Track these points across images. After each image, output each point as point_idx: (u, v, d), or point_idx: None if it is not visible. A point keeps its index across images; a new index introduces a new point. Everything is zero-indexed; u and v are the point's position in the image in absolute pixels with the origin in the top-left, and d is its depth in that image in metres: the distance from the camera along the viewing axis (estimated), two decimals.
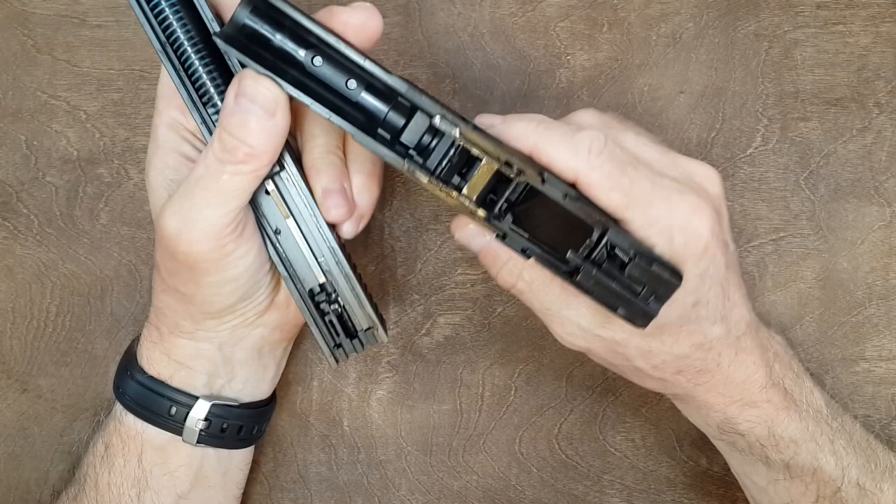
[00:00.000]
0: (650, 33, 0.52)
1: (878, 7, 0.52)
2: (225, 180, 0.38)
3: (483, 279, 0.53)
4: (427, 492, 0.53)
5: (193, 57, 0.40)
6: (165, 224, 0.39)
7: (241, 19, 0.37)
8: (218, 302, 0.42)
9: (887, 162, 0.53)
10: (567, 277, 0.37)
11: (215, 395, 0.45)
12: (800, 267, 0.53)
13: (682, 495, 0.53)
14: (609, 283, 0.36)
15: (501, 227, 0.37)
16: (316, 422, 0.53)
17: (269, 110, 0.37)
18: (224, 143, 0.38)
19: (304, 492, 0.53)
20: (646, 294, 0.36)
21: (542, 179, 0.36)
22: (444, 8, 0.52)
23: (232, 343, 0.45)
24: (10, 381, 0.52)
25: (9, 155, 0.51)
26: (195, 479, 0.45)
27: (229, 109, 0.37)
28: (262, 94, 0.37)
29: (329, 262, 0.42)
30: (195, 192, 0.39)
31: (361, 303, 0.43)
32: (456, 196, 0.37)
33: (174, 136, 0.42)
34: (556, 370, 0.53)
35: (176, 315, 0.43)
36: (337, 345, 0.44)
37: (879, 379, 0.53)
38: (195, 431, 0.44)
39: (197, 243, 0.39)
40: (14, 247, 0.52)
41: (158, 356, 0.44)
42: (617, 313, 0.37)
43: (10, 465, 0.52)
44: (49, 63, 0.52)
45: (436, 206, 0.53)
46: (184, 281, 0.41)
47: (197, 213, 0.38)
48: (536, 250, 0.37)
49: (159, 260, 0.42)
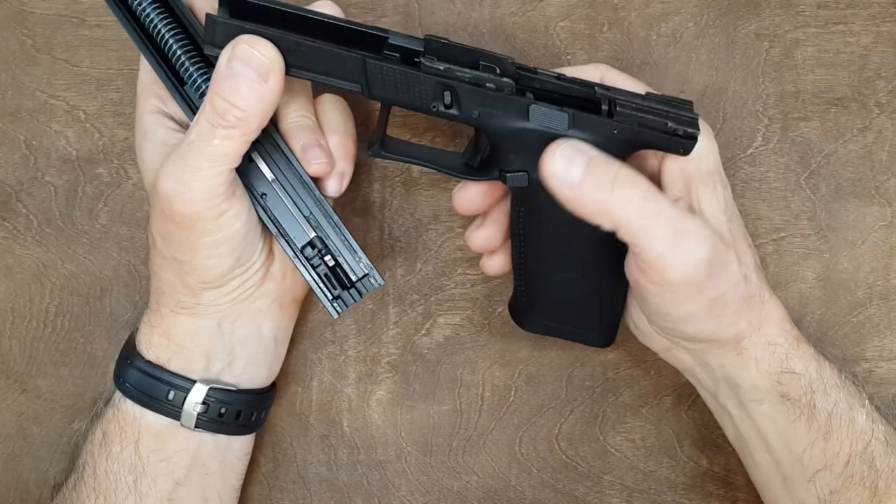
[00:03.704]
0: (650, 33, 0.52)
1: (879, 7, 0.52)
2: (216, 144, 0.39)
3: (483, 279, 0.53)
4: (427, 492, 0.53)
5: (172, 40, 0.42)
6: (162, 186, 0.40)
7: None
8: (214, 266, 0.42)
9: (888, 162, 0.52)
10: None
11: (213, 380, 0.45)
12: (800, 267, 0.53)
13: (683, 496, 0.53)
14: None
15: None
16: (316, 422, 0.53)
17: (263, 75, 0.38)
18: (215, 107, 0.39)
19: (304, 492, 0.53)
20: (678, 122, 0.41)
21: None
22: (444, 7, 0.52)
23: (231, 318, 0.45)
24: (9, 382, 0.52)
25: (8, 155, 0.51)
26: (191, 465, 0.45)
27: (221, 73, 0.39)
28: (256, 58, 0.38)
29: (317, 216, 0.44)
30: (188, 155, 0.40)
31: (354, 251, 0.45)
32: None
33: (157, 119, 0.44)
34: (556, 370, 0.53)
35: (175, 291, 0.44)
36: (335, 297, 0.45)
37: (880, 379, 0.53)
38: (193, 415, 0.44)
39: (193, 203, 0.40)
40: (13, 247, 0.52)
41: (158, 339, 0.45)
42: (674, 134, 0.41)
43: (9, 465, 0.52)
44: (48, 63, 0.51)
45: (436, 205, 0.53)
46: (180, 246, 0.42)
47: (191, 175, 0.40)
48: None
49: (155, 230, 0.42)
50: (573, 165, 0.39)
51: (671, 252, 0.39)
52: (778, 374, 0.43)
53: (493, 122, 0.41)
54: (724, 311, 0.42)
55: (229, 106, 0.39)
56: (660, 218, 0.39)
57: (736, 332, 0.43)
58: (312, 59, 0.39)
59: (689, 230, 0.40)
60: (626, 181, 0.39)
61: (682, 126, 0.41)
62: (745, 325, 0.43)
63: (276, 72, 0.39)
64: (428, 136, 0.52)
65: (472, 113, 0.41)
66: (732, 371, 0.44)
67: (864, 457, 0.43)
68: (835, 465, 0.43)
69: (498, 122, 0.41)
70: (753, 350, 0.43)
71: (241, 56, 0.38)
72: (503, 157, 0.42)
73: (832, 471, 0.43)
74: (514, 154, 0.42)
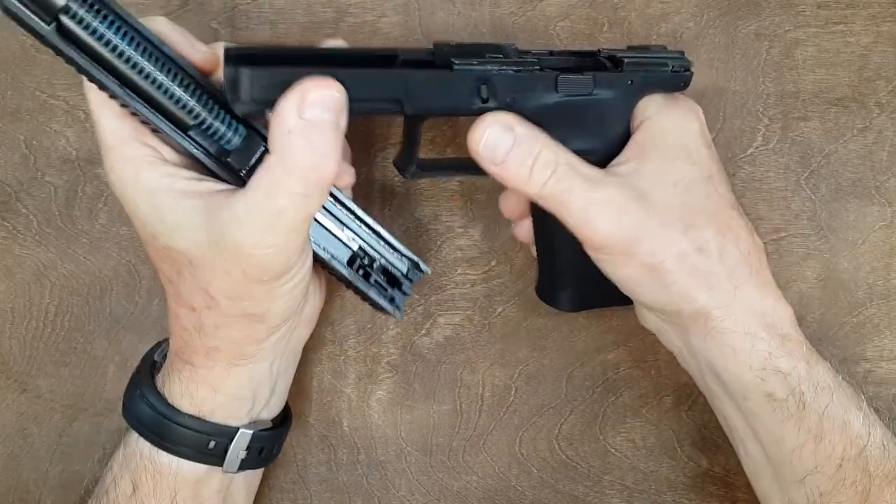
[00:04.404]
0: (650, 33, 0.52)
1: (879, 6, 0.52)
2: (312, 205, 0.37)
3: (483, 279, 0.53)
4: (427, 492, 0.53)
5: (169, 82, 0.37)
6: (255, 253, 0.37)
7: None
8: (290, 307, 0.41)
9: (888, 162, 0.52)
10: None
11: (254, 422, 0.44)
12: (801, 267, 0.53)
13: (683, 496, 0.53)
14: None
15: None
16: (315, 422, 0.53)
17: (339, 117, 0.36)
18: (304, 168, 0.36)
19: (304, 492, 0.53)
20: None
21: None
22: (444, 7, 0.52)
23: (282, 356, 0.45)
24: (9, 382, 0.52)
25: (8, 155, 0.51)
26: (224, 501, 0.45)
27: (299, 129, 0.35)
28: (336, 100, 0.36)
29: (351, 224, 0.44)
30: (280, 223, 0.37)
31: (396, 249, 0.45)
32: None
33: (164, 171, 0.39)
34: (556, 370, 0.53)
35: (237, 345, 0.41)
36: (391, 298, 0.46)
37: (880, 379, 0.53)
38: (237, 461, 0.44)
39: (289, 260, 0.38)
40: (13, 247, 0.52)
41: (203, 394, 0.42)
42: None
43: (9, 465, 0.52)
44: (48, 62, 0.51)
45: (436, 205, 0.53)
46: (259, 301, 0.39)
47: (287, 239, 0.37)
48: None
49: (218, 292, 0.39)
50: (500, 143, 0.40)
51: (586, 220, 0.41)
52: (761, 371, 0.43)
53: (526, 104, 0.42)
54: (669, 278, 0.42)
55: (322, 163, 0.36)
56: (573, 193, 0.41)
57: (696, 308, 0.42)
58: (356, 88, 0.37)
59: (602, 199, 0.41)
60: (544, 161, 0.41)
61: (679, 63, 0.46)
62: (707, 301, 0.42)
63: (346, 108, 0.36)
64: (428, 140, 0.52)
65: (507, 99, 0.42)
66: (711, 358, 0.44)
67: (857, 461, 0.42)
68: (826, 467, 0.42)
69: (531, 103, 0.42)
70: (728, 337, 0.42)
71: (317, 102, 0.35)
72: None
73: (823, 473, 0.42)
74: (547, 129, 0.42)
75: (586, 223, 0.41)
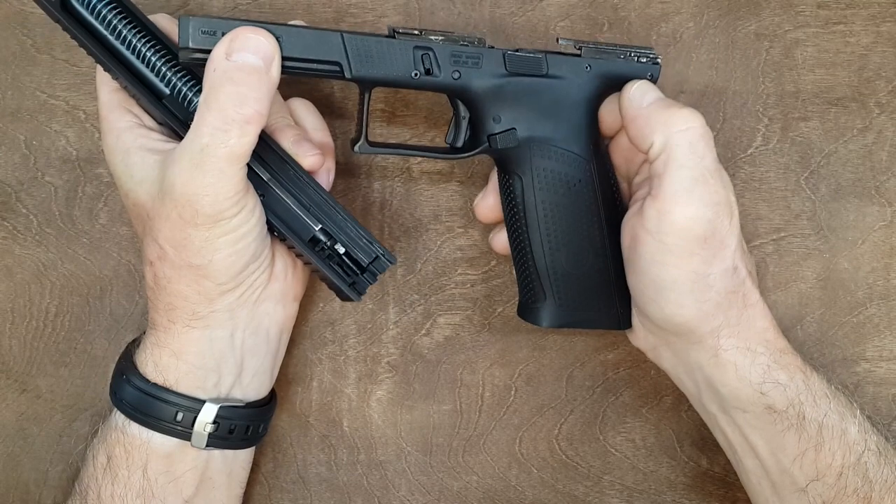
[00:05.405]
0: (650, 33, 0.52)
1: (879, 7, 0.52)
2: (234, 143, 0.39)
3: (483, 279, 0.53)
4: (427, 492, 0.53)
5: (146, 50, 0.43)
6: (182, 191, 0.39)
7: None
8: (233, 263, 0.42)
9: (888, 162, 0.52)
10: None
11: (223, 398, 0.45)
12: (800, 267, 0.53)
13: (683, 496, 0.53)
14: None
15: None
16: (316, 422, 0.53)
17: (267, 63, 0.39)
18: (225, 105, 0.38)
19: (304, 492, 0.53)
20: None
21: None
22: (445, 7, 0.52)
23: (243, 327, 0.45)
24: (9, 382, 0.52)
25: (8, 155, 0.51)
26: (201, 482, 0.45)
27: (224, 68, 0.38)
28: (263, 46, 0.38)
29: (318, 207, 0.45)
30: (205, 159, 0.39)
31: (361, 236, 0.45)
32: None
33: (140, 132, 0.43)
34: (556, 370, 0.53)
35: (189, 302, 0.43)
36: (352, 283, 0.46)
37: (880, 379, 0.53)
38: (204, 435, 0.44)
39: (217, 203, 0.40)
40: (13, 247, 0.52)
41: (166, 360, 0.44)
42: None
43: (9, 465, 0.52)
44: (48, 62, 0.51)
45: (436, 205, 0.53)
46: (199, 250, 0.41)
47: (213, 177, 0.39)
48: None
49: (165, 240, 0.41)
50: (647, 91, 0.44)
51: (687, 193, 0.41)
52: (760, 385, 0.43)
53: (473, 80, 0.43)
54: (707, 294, 0.42)
55: (242, 101, 0.38)
56: (694, 156, 0.42)
57: (713, 327, 0.43)
58: (292, 45, 0.40)
59: (709, 183, 0.42)
60: (689, 111, 0.43)
61: (642, 52, 0.46)
62: (723, 321, 0.43)
63: (277, 59, 0.39)
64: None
65: (453, 74, 0.42)
66: (711, 374, 0.44)
67: (857, 468, 0.43)
68: (827, 476, 0.43)
69: (479, 80, 0.43)
70: (732, 354, 0.43)
71: (244, 46, 0.38)
72: (487, 120, 0.44)
73: (825, 482, 0.43)
74: (499, 111, 0.43)
75: (683, 196, 0.41)
